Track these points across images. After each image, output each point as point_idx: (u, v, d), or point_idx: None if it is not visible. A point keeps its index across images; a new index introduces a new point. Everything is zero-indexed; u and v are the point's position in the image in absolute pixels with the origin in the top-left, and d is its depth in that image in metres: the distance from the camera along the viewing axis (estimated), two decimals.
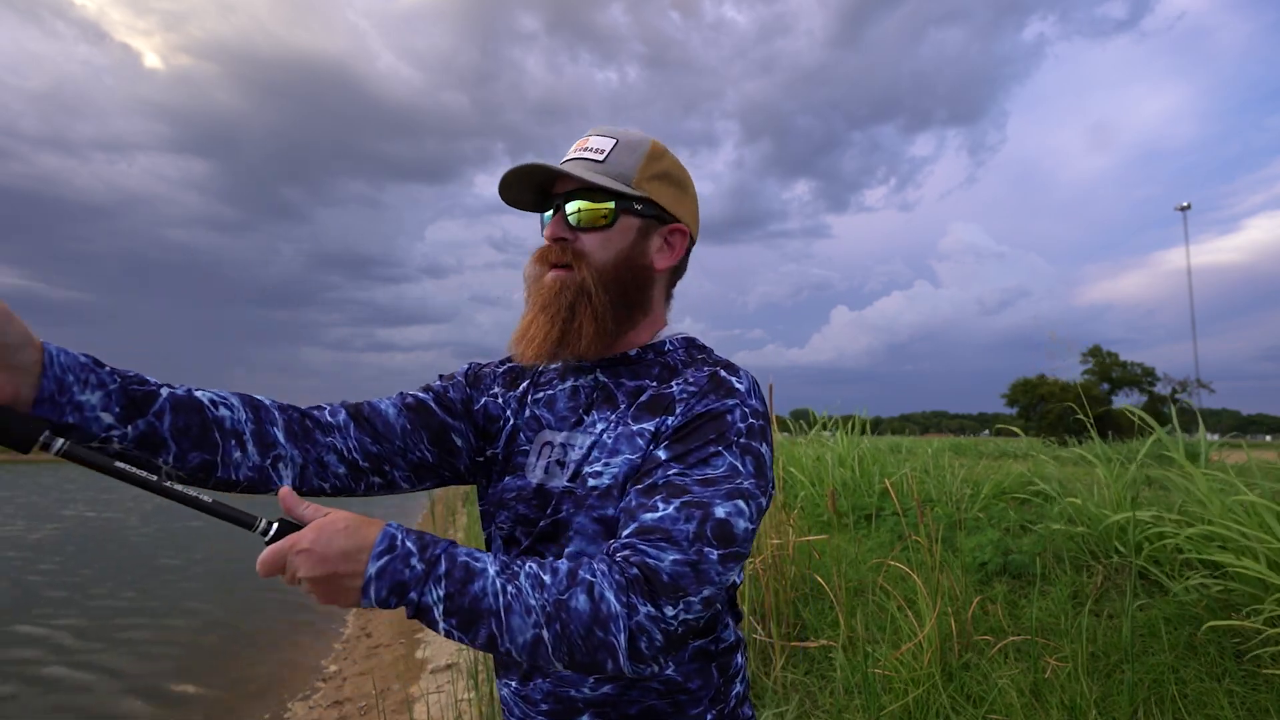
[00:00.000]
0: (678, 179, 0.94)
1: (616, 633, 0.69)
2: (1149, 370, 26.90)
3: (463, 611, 0.69)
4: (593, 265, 0.88)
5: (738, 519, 0.75)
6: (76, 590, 7.15)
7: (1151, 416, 3.92)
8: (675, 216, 0.93)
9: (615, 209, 0.88)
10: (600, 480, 0.84)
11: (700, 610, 0.73)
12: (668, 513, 0.74)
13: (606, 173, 0.88)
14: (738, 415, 0.80)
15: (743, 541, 0.75)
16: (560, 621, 0.69)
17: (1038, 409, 25.97)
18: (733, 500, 0.76)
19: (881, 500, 5.34)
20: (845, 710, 2.60)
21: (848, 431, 7.01)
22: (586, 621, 0.69)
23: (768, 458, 0.82)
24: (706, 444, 0.78)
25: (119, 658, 5.19)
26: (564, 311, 0.87)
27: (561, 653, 0.70)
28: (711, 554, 0.73)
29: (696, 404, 0.82)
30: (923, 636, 2.65)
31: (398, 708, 3.82)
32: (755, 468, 0.79)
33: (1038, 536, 3.84)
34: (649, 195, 0.90)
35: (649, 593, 0.70)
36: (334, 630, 5.76)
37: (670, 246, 0.93)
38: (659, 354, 0.92)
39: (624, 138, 0.91)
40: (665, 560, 0.71)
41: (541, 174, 0.89)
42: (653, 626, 0.70)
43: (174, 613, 6.37)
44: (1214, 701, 2.30)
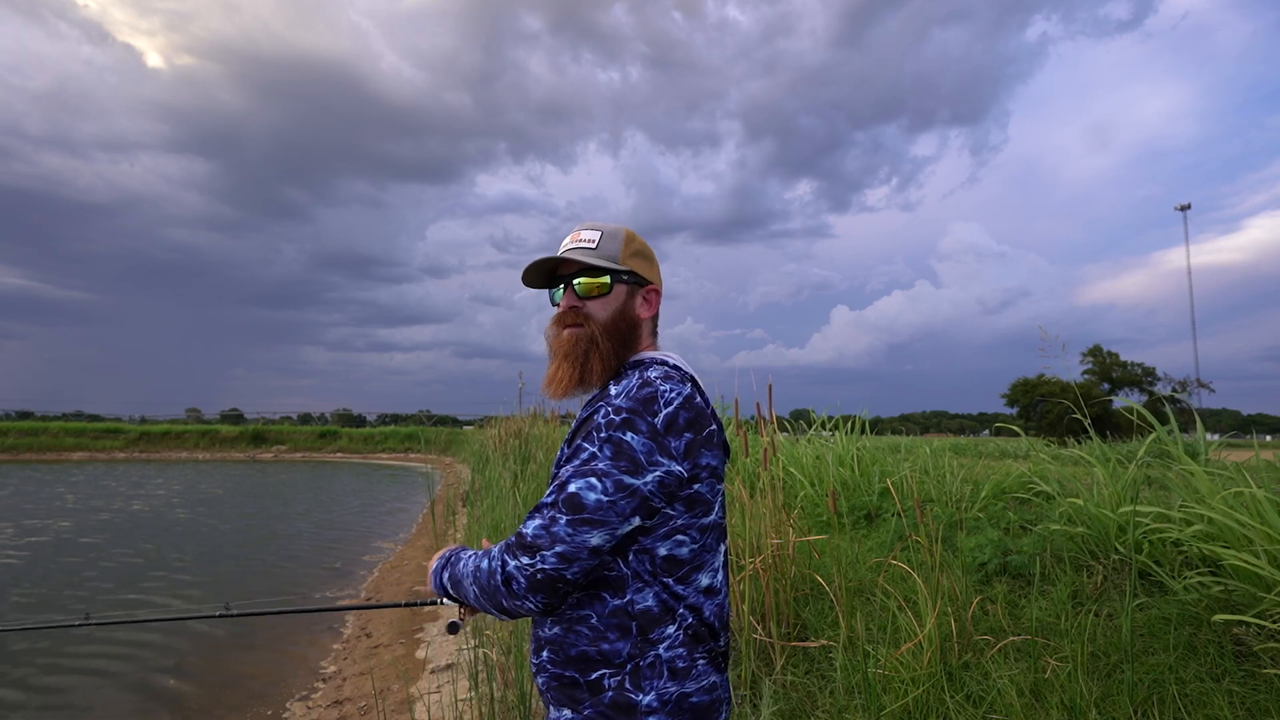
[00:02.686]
0: (647, 254, 1.29)
1: (497, 580, 1.07)
2: (1149, 370, 26.91)
3: (454, 581, 1.20)
4: (598, 322, 1.21)
5: (587, 492, 1.03)
6: (77, 590, 7.15)
7: (1152, 416, 3.92)
8: (649, 280, 1.27)
9: (611, 281, 1.22)
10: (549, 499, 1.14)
11: (556, 563, 1.02)
12: (545, 497, 1.07)
13: (600, 256, 1.22)
14: (600, 414, 1.09)
15: (594, 509, 1.03)
16: (478, 580, 1.12)
17: (1037, 409, 25.98)
18: (584, 477, 1.04)
19: (881, 500, 5.34)
20: (845, 710, 2.60)
21: (848, 431, 7.01)
22: (486, 575, 1.10)
23: (633, 442, 1.05)
24: (578, 440, 1.10)
25: (118, 656, 5.19)
26: (580, 358, 1.19)
27: (485, 602, 1.11)
28: (560, 518, 1.03)
29: (583, 414, 1.15)
30: (923, 636, 2.65)
31: (398, 708, 3.82)
32: (613, 452, 1.05)
33: (1038, 536, 3.84)
34: (632, 269, 1.24)
35: (518, 549, 1.05)
36: (334, 630, 5.76)
37: (648, 302, 1.28)
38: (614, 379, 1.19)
39: (606, 229, 1.25)
40: (529, 526, 1.05)
41: (552, 262, 1.25)
42: (518, 573, 1.04)
43: (170, 610, 6.36)
44: (1214, 701, 2.30)
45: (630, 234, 1.27)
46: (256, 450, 37.34)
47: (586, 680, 1.08)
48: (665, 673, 1.07)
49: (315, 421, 56.76)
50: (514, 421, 11.12)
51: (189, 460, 32.56)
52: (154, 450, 35.86)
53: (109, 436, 36.74)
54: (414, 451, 37.08)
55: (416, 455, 35.76)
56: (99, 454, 34.14)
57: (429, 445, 35.53)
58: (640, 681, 1.06)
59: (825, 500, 5.22)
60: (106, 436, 36.68)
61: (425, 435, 37.33)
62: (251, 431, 39.75)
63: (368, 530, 11.44)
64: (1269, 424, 49.53)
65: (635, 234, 1.28)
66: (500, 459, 10.20)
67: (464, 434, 31.17)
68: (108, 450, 35.05)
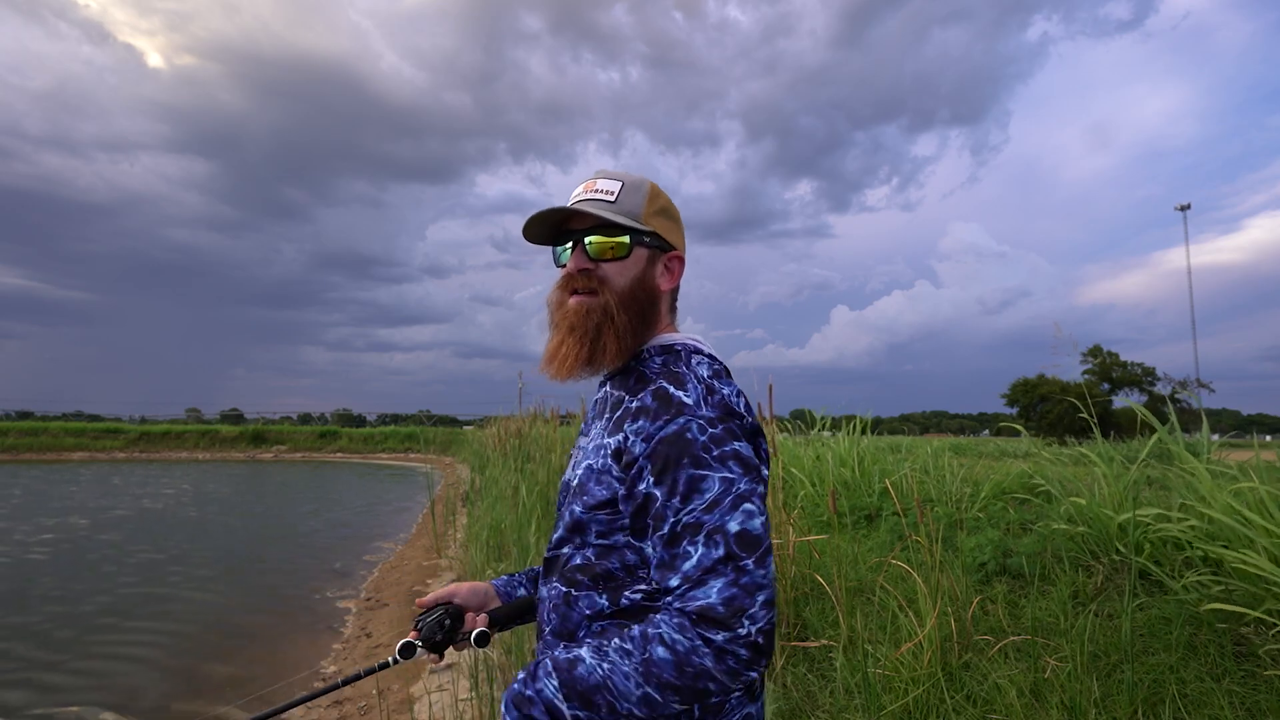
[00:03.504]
0: (672, 214, 1.09)
1: (702, 660, 0.81)
2: (1149, 370, 26.88)
3: (579, 694, 0.85)
4: (614, 290, 1.01)
5: (751, 520, 0.86)
6: (76, 588, 7.15)
7: (1153, 416, 3.92)
8: (672, 245, 1.08)
9: (630, 242, 1.02)
10: (574, 479, 1.01)
11: (766, 614, 0.83)
12: (700, 553, 0.85)
13: (618, 211, 1.02)
14: (695, 430, 0.89)
15: (765, 533, 0.87)
16: (654, 675, 0.82)
17: (1037, 409, 25.97)
18: (740, 507, 0.86)
19: (881, 500, 5.34)
20: (845, 710, 2.60)
21: (848, 431, 7.01)
22: (674, 665, 0.82)
23: (743, 450, 0.91)
24: (685, 469, 0.88)
25: (117, 656, 5.18)
26: (591, 332, 1.00)
27: (671, 697, 0.83)
28: (746, 563, 0.84)
29: (651, 426, 0.91)
30: (923, 636, 2.65)
31: (398, 708, 3.82)
32: (741, 467, 0.89)
33: (1038, 536, 3.84)
34: (654, 229, 1.04)
35: (716, 624, 0.82)
36: (334, 630, 5.75)
37: (670, 270, 1.08)
38: (638, 362, 1.04)
39: (628, 180, 1.05)
40: (713, 593, 0.82)
41: (562, 213, 1.04)
42: (732, 646, 0.81)
43: (172, 611, 6.37)
44: (1214, 701, 2.29)
45: (655, 188, 1.07)
46: (256, 450, 37.33)
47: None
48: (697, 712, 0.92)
49: (315, 421, 56.75)
50: (514, 421, 11.12)
51: (189, 460, 32.56)
52: (154, 450, 35.85)
53: (109, 436, 36.73)
54: (414, 451, 37.07)
55: (416, 455, 35.75)
56: (99, 454, 34.13)
57: (429, 445, 35.52)
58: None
59: (825, 500, 5.22)
60: (106, 436, 36.67)
61: (425, 435, 37.33)
62: (251, 431, 39.74)
63: (368, 530, 11.44)
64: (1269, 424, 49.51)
65: (661, 189, 1.08)
66: (500, 459, 10.20)
67: (464, 434, 31.15)
68: (108, 450, 35.04)
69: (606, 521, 0.96)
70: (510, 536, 5.64)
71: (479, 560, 5.81)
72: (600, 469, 0.96)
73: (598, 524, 0.97)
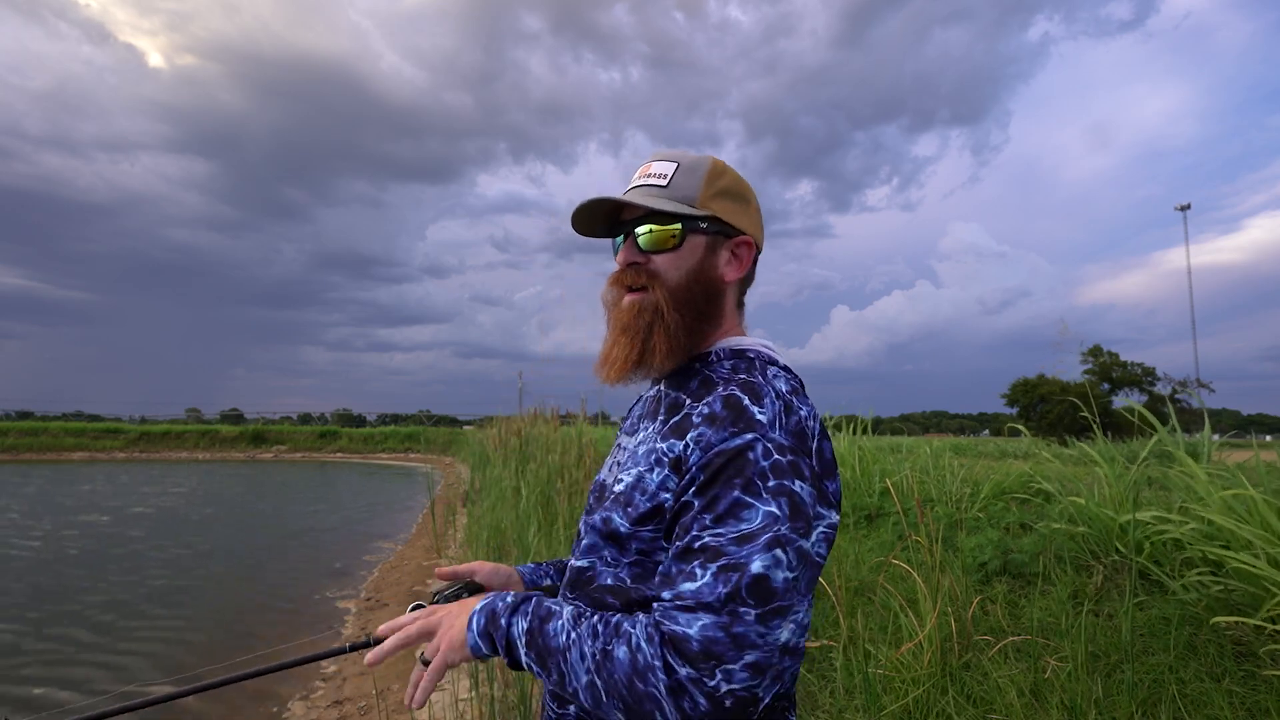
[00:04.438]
0: (738, 193, 0.97)
1: (655, 684, 0.72)
2: (1149, 370, 26.86)
3: (539, 647, 0.81)
4: (666, 285, 0.93)
5: (775, 570, 0.74)
6: (76, 587, 7.15)
7: (1153, 416, 3.92)
8: (740, 229, 0.97)
9: (683, 230, 0.93)
10: (618, 486, 0.91)
11: (748, 678, 0.71)
12: (705, 580, 0.74)
13: (671, 196, 0.93)
14: (759, 452, 0.78)
15: (785, 594, 0.74)
16: (606, 670, 0.75)
17: (1037, 409, 25.96)
18: (770, 551, 0.74)
19: (882, 500, 5.34)
20: (845, 710, 2.60)
21: (848, 431, 7.01)
22: (627, 670, 0.74)
23: (804, 494, 0.78)
24: (733, 490, 0.77)
25: (115, 655, 5.19)
26: (642, 332, 0.92)
27: (614, 700, 0.75)
28: (748, 614, 0.72)
29: (713, 435, 0.80)
30: (923, 636, 2.65)
31: (398, 708, 3.82)
32: (790, 509, 0.76)
33: (1038, 536, 3.84)
34: (713, 213, 0.94)
35: (685, 658, 0.72)
36: (334, 630, 5.76)
37: (738, 258, 0.97)
38: (704, 364, 0.95)
39: (684, 160, 0.95)
40: (694, 627, 0.72)
41: (608, 204, 0.95)
42: (694, 689, 0.71)
43: (171, 610, 6.37)
44: (1214, 701, 2.29)
45: (718, 166, 0.96)
46: (256, 450, 37.34)
47: None
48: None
49: (315, 421, 56.76)
50: (514, 421, 11.12)
51: (189, 460, 32.56)
52: (154, 450, 35.86)
53: (109, 436, 36.74)
54: (414, 451, 37.09)
55: (416, 455, 35.77)
56: (99, 454, 34.13)
57: (429, 445, 35.54)
58: None
59: None
60: (106, 436, 36.68)
61: (425, 435, 37.34)
62: (251, 431, 39.75)
63: (368, 530, 11.44)
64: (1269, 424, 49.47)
65: (727, 166, 0.97)
66: (500, 459, 10.20)
67: (464, 434, 31.16)
68: (108, 450, 35.05)
69: (650, 539, 0.86)
70: (510, 537, 5.64)
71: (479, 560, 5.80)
72: (651, 477, 0.86)
73: (640, 540, 0.86)
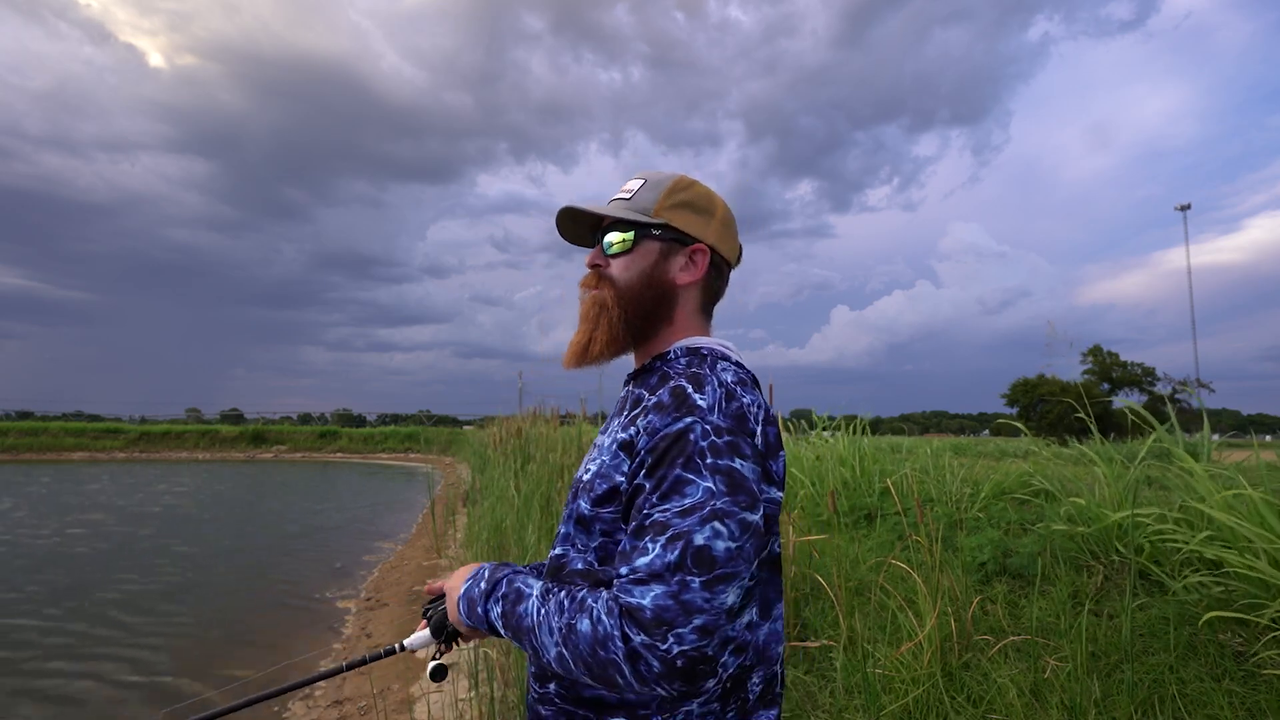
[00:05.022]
0: (701, 207, 1.07)
1: (615, 651, 0.81)
2: (1149, 370, 26.87)
3: (513, 628, 0.93)
4: (615, 285, 1.04)
5: (716, 541, 0.82)
6: (75, 587, 7.15)
7: (1152, 416, 3.91)
8: (696, 237, 1.05)
9: (635, 236, 1.04)
10: (586, 476, 0.99)
11: (696, 640, 0.79)
12: (655, 553, 0.82)
13: (631, 207, 1.05)
14: (698, 433, 0.86)
15: (728, 561, 0.82)
16: (571, 642, 0.85)
17: (1037, 409, 25.95)
18: (709, 523, 0.82)
19: (881, 500, 5.33)
20: (845, 710, 2.60)
21: (848, 432, 7.01)
22: (590, 641, 0.83)
23: (744, 470, 0.86)
24: (675, 469, 0.85)
25: (115, 655, 5.19)
26: (591, 324, 1.04)
27: (580, 668, 0.85)
28: (693, 581, 0.80)
29: (658, 421, 0.89)
30: (923, 636, 2.65)
31: (398, 708, 3.82)
32: (728, 485, 0.84)
33: (1038, 536, 3.84)
34: (667, 221, 1.04)
35: (639, 626, 0.80)
36: (334, 630, 5.76)
37: (693, 264, 1.06)
38: (663, 362, 1.03)
39: (652, 178, 1.07)
40: (647, 598, 0.81)
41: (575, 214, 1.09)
42: (648, 654, 0.79)
43: (171, 610, 6.37)
44: (1214, 701, 2.29)
45: (681, 181, 1.07)
46: (256, 450, 37.33)
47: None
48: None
49: (315, 421, 56.76)
50: (514, 421, 11.11)
51: (189, 460, 32.56)
52: (154, 450, 35.85)
53: (109, 436, 36.73)
54: (414, 451, 37.09)
55: (416, 455, 35.77)
56: (99, 454, 34.12)
57: (429, 445, 35.54)
58: None
59: (825, 500, 5.22)
60: (106, 436, 36.67)
61: (425, 435, 37.34)
62: (251, 431, 39.74)
63: (368, 530, 11.44)
64: (1269, 424, 49.48)
65: (695, 182, 1.08)
66: (500, 459, 10.20)
67: (464, 434, 31.16)
68: (108, 450, 35.04)
69: (610, 520, 0.94)
70: (510, 536, 5.64)
71: (479, 560, 5.80)
72: (610, 462, 0.95)
73: (602, 522, 0.95)
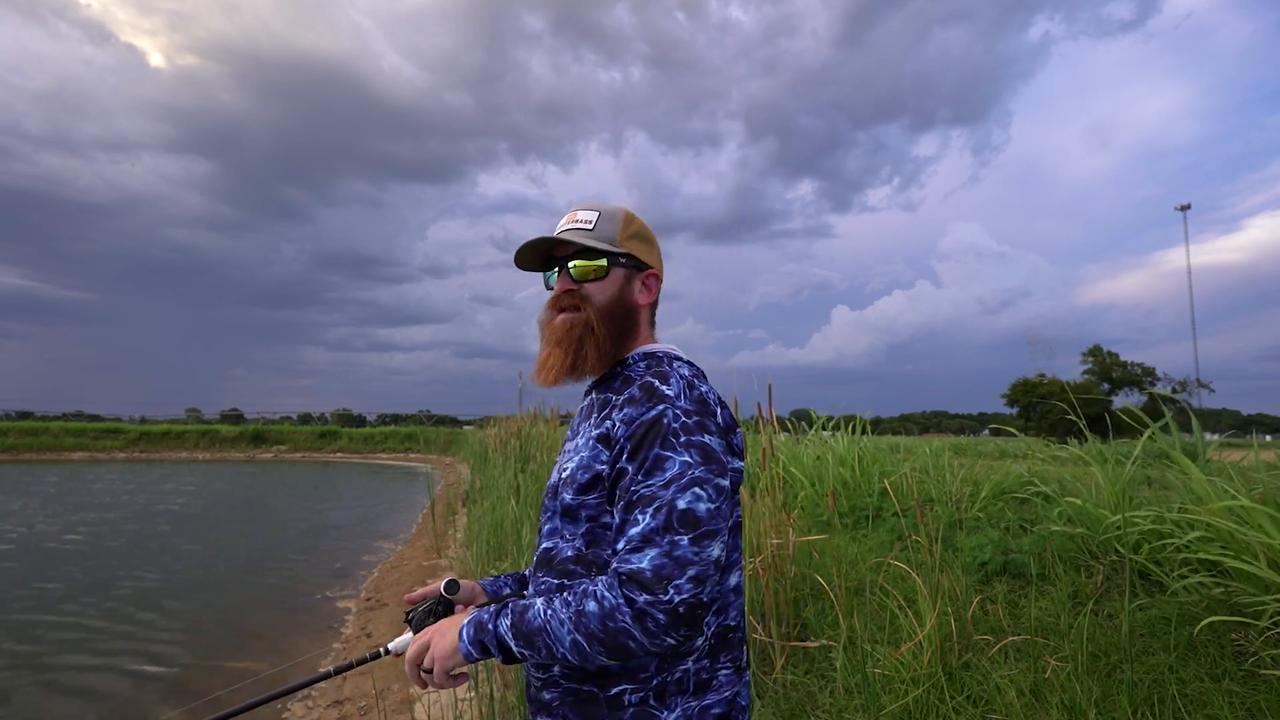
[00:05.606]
0: (646, 237, 1.22)
1: (623, 619, 0.92)
2: (1149, 370, 26.91)
3: (524, 634, 0.98)
4: (595, 306, 1.15)
5: (697, 504, 0.96)
6: (78, 586, 7.15)
7: (1151, 416, 3.92)
8: (648, 264, 1.21)
9: (608, 264, 1.16)
10: (564, 474, 1.10)
11: (693, 588, 0.93)
12: (646, 522, 0.96)
13: (596, 237, 1.16)
14: (670, 416, 1.01)
15: (710, 519, 0.97)
16: (582, 625, 0.94)
17: (1037, 409, 25.97)
18: (689, 489, 0.96)
19: (881, 500, 5.34)
20: (845, 710, 2.60)
21: (848, 431, 7.01)
22: (599, 618, 0.93)
23: (712, 444, 1.02)
24: (654, 448, 0.99)
25: (115, 655, 5.19)
26: (574, 344, 1.14)
27: (596, 648, 0.94)
28: (681, 539, 0.94)
29: (632, 411, 1.03)
30: (923, 636, 2.65)
31: (398, 708, 3.83)
32: (701, 456, 0.99)
33: (1037, 536, 3.84)
34: (629, 251, 1.18)
35: (641, 586, 0.93)
36: (334, 630, 5.76)
37: (647, 288, 1.22)
38: (624, 368, 1.16)
39: (604, 210, 1.19)
40: (646, 560, 0.94)
41: (547, 243, 1.18)
42: (653, 610, 0.92)
43: (171, 610, 6.37)
44: (1214, 701, 2.30)
45: (629, 215, 1.21)
46: (256, 450, 37.34)
47: (606, 695, 1.03)
48: (691, 687, 1.04)
49: (315, 421, 56.75)
50: (514, 421, 11.12)
51: (189, 460, 32.56)
52: (154, 450, 35.85)
53: (109, 436, 36.73)
54: (414, 451, 37.08)
55: (416, 455, 35.77)
56: (99, 454, 34.12)
57: (429, 445, 35.53)
58: (665, 698, 1.02)
59: (825, 500, 5.22)
60: (106, 436, 36.67)
61: (425, 435, 37.33)
62: (251, 431, 39.75)
63: (368, 530, 11.44)
64: (1269, 424, 49.50)
65: (635, 215, 1.22)
66: (500, 459, 10.20)
67: (464, 434, 31.16)
68: (108, 450, 35.04)
69: (595, 505, 1.06)
70: (510, 536, 5.64)
71: (479, 560, 5.81)
72: (589, 455, 1.06)
73: (587, 508, 1.06)
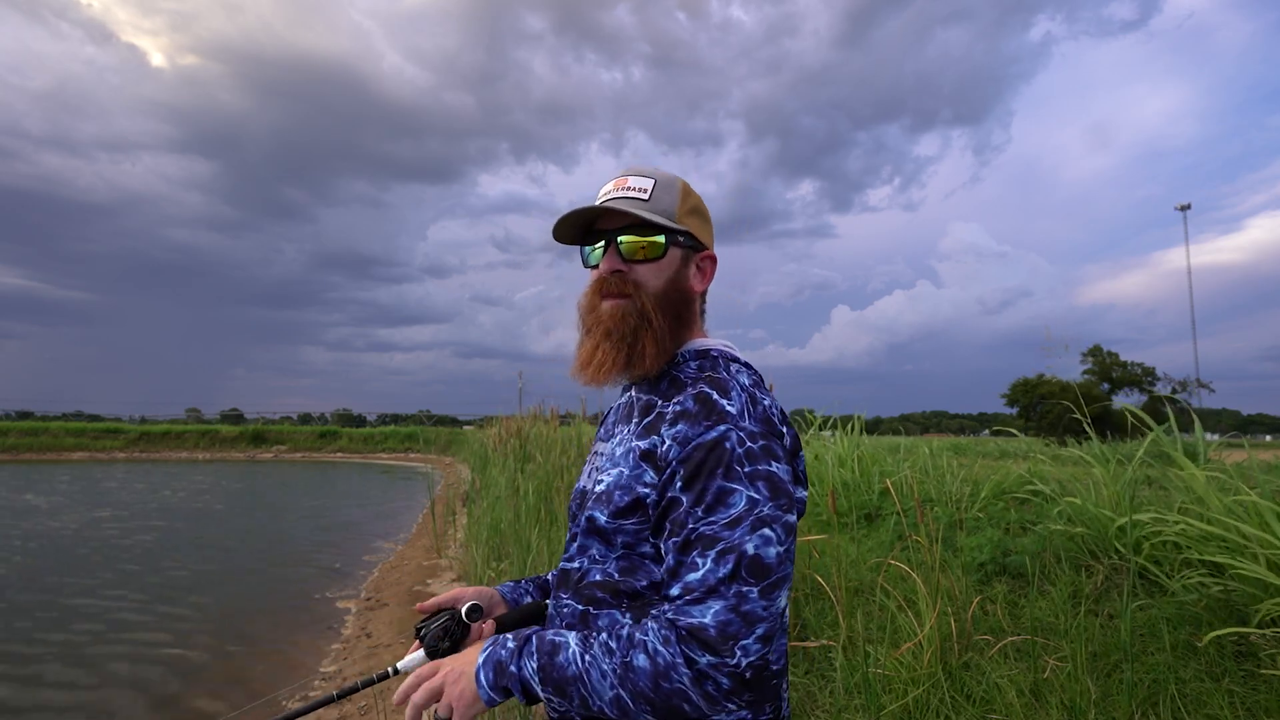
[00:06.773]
0: (704, 212, 1.05)
1: (680, 680, 0.79)
2: (1149, 370, 26.87)
3: (554, 681, 0.84)
4: (650, 293, 0.97)
5: (767, 548, 0.81)
6: (77, 586, 7.15)
7: (1151, 416, 3.92)
8: (705, 244, 1.04)
9: (665, 242, 0.98)
10: (599, 487, 0.95)
11: (761, 649, 0.80)
12: (707, 567, 0.81)
13: (653, 209, 0.97)
14: (734, 441, 0.85)
15: (779, 566, 0.82)
16: (630, 681, 0.81)
17: (1037, 409, 25.95)
18: (758, 531, 0.82)
19: (881, 500, 5.34)
20: (845, 710, 2.60)
21: (848, 431, 7.01)
22: (651, 676, 0.80)
23: (780, 473, 0.86)
24: (716, 480, 0.83)
25: (115, 656, 5.18)
26: (629, 336, 0.95)
27: (643, 707, 0.81)
28: (750, 592, 0.80)
29: (689, 430, 0.87)
30: (923, 636, 2.65)
31: (398, 708, 3.82)
32: (770, 490, 0.84)
33: (1037, 536, 3.84)
34: (688, 229, 1.00)
35: (704, 646, 0.79)
36: (333, 630, 5.76)
37: (702, 271, 1.04)
38: (672, 365, 1.00)
39: (660, 177, 1.00)
40: (709, 615, 0.79)
41: (594, 212, 0.99)
42: (715, 673, 0.79)
43: (171, 611, 6.37)
44: (1214, 701, 2.30)
45: (687, 186, 1.02)
46: (256, 450, 37.32)
47: None
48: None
49: (315, 421, 56.75)
50: (514, 421, 11.12)
51: (189, 460, 32.54)
52: (154, 450, 35.83)
53: (109, 436, 36.71)
54: (414, 451, 37.07)
55: (416, 455, 35.75)
56: (99, 454, 34.10)
57: (429, 445, 35.53)
58: None
59: (825, 500, 5.22)
60: (106, 436, 36.66)
61: (425, 435, 37.34)
62: (251, 431, 39.74)
63: (368, 530, 11.44)
64: (1269, 424, 49.51)
65: (692, 187, 1.03)
66: (500, 459, 10.20)
67: (464, 434, 31.15)
68: (108, 450, 35.02)
69: (634, 531, 0.91)
70: (510, 536, 5.64)
71: (479, 560, 5.81)
72: (630, 473, 0.91)
73: (624, 534, 0.92)
